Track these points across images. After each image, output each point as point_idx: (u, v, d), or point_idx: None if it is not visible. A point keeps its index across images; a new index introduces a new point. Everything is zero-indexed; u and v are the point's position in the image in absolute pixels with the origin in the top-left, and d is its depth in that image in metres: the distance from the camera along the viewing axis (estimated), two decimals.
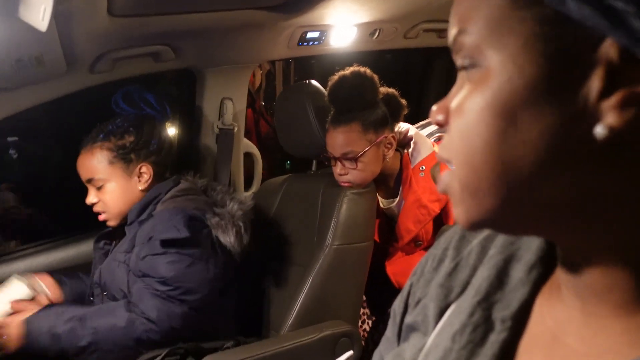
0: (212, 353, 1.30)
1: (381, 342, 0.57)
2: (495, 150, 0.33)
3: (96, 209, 1.45)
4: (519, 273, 0.42)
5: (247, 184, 2.06)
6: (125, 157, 1.42)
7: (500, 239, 0.45)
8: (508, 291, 0.42)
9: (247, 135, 2.25)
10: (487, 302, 0.42)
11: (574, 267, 0.36)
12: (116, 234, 1.53)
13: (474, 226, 0.37)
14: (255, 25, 1.60)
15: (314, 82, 1.62)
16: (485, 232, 0.48)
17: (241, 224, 1.41)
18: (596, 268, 0.35)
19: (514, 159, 0.32)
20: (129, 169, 1.43)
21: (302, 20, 1.63)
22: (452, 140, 0.36)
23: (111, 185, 1.42)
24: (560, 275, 0.38)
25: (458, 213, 0.37)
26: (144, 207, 1.42)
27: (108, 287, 1.42)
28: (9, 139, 2.14)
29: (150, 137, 1.46)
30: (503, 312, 0.41)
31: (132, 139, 1.44)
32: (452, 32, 0.36)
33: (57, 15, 1.07)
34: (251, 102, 2.53)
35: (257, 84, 2.67)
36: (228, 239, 1.38)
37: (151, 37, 1.48)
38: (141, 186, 1.45)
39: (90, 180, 1.43)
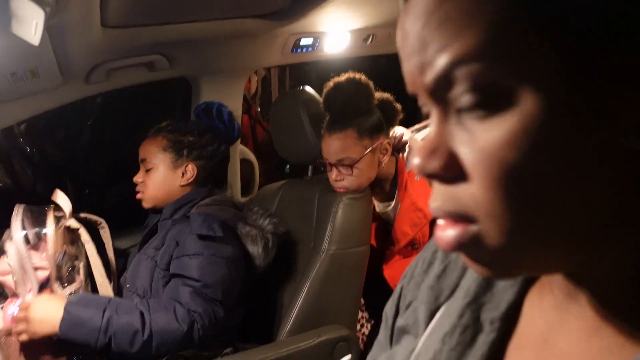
0: None
1: (374, 346, 0.57)
2: (560, 187, 0.28)
3: (138, 188, 1.57)
4: None
5: (245, 191, 2.07)
6: (178, 151, 1.54)
7: None
8: (496, 292, 0.42)
9: (244, 141, 2.26)
10: (476, 303, 0.42)
11: (575, 277, 0.35)
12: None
13: (512, 276, 0.33)
14: (248, 34, 1.61)
15: (308, 88, 1.62)
16: None
17: (270, 237, 1.49)
18: (602, 278, 0.34)
19: (583, 189, 0.28)
20: (177, 162, 1.54)
21: (295, 27, 1.64)
22: (480, 192, 0.29)
23: (157, 171, 1.54)
24: (556, 282, 0.38)
25: (491, 271, 0.32)
26: (179, 207, 1.52)
27: (130, 280, 1.47)
28: None
29: (207, 144, 1.58)
30: (492, 313, 0.41)
31: (191, 139, 1.57)
32: (442, 61, 0.29)
33: (50, 28, 1.08)
34: (247, 108, 2.54)
35: (253, 90, 2.68)
36: (256, 248, 1.46)
37: (145, 47, 1.49)
38: (181, 182, 1.54)
39: (143, 160, 1.56)
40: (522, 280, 0.41)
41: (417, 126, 2.01)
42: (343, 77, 1.44)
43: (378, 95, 1.50)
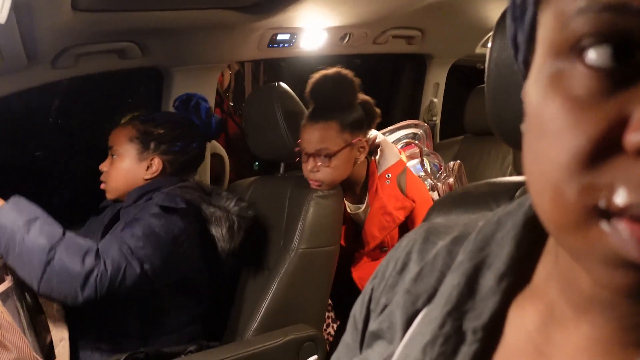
0: (174, 358, 1.28)
1: (339, 348, 0.55)
2: None
3: (102, 177, 1.51)
4: (489, 281, 0.40)
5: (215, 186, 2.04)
6: (145, 143, 1.48)
7: (469, 244, 0.43)
8: (479, 300, 0.40)
9: None
10: (457, 312, 0.40)
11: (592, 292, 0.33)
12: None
13: None
14: (224, 26, 1.59)
15: (283, 84, 1.61)
16: (452, 234, 0.46)
17: (235, 220, 1.43)
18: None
19: None
20: (142, 154, 1.48)
21: (272, 22, 1.62)
22: None
23: (121, 161, 1.48)
24: (566, 292, 0.35)
25: None
26: (143, 194, 1.45)
27: None
28: None
29: (178, 139, 1.51)
30: (474, 322, 0.39)
31: (161, 131, 1.50)
32: None
33: (17, 7, 1.03)
34: (220, 102, 2.50)
35: (226, 84, 2.64)
36: (220, 230, 1.40)
37: (117, 33, 1.44)
38: (146, 175, 1.48)
39: (110, 148, 1.50)
40: (504, 289, 0.39)
41: (389, 128, 2.03)
42: (331, 70, 1.44)
43: (361, 96, 1.51)
